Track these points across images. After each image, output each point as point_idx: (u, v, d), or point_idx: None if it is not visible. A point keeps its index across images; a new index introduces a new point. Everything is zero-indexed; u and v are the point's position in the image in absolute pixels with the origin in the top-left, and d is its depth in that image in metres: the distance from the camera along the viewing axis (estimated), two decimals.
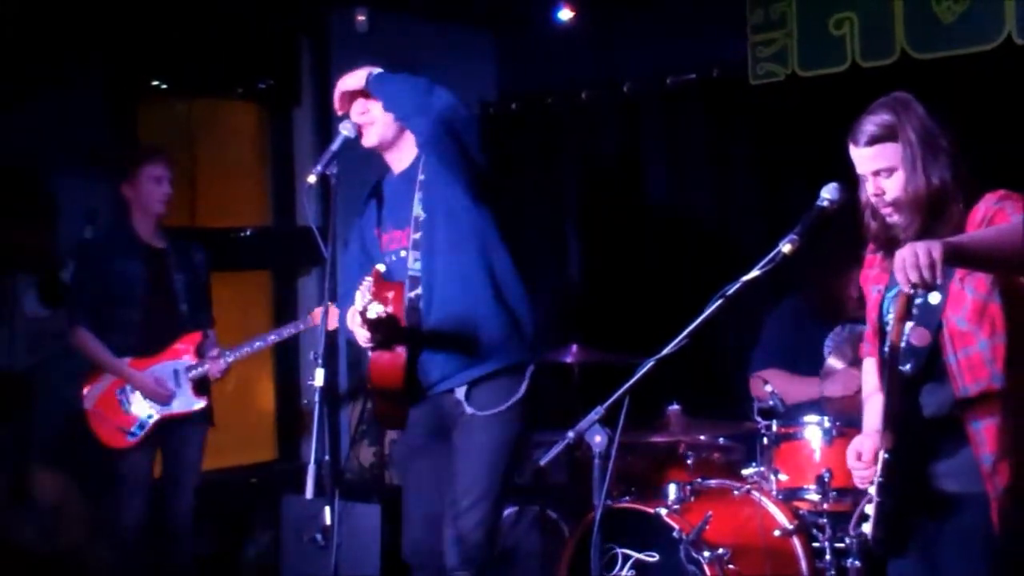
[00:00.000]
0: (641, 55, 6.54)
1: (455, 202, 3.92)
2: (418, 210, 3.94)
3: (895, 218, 3.05)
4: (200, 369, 5.06)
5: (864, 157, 3.06)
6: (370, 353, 3.86)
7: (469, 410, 3.91)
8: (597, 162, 6.88)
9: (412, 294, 3.90)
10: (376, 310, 3.54)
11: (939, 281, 2.67)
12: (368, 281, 3.62)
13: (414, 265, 3.92)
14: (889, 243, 3.11)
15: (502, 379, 3.94)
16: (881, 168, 3.03)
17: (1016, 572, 3.00)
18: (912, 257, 2.65)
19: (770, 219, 6.07)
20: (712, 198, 6.45)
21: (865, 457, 3.05)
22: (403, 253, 3.96)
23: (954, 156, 3.01)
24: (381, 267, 3.76)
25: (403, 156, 4.05)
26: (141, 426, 4.99)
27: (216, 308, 5.36)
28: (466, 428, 3.93)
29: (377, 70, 3.93)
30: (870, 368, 3.31)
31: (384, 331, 3.74)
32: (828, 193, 3.09)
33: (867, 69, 5.58)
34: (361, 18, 6.29)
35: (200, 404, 5.09)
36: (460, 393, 3.93)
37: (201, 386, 5.10)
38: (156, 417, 5.01)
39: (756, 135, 6.25)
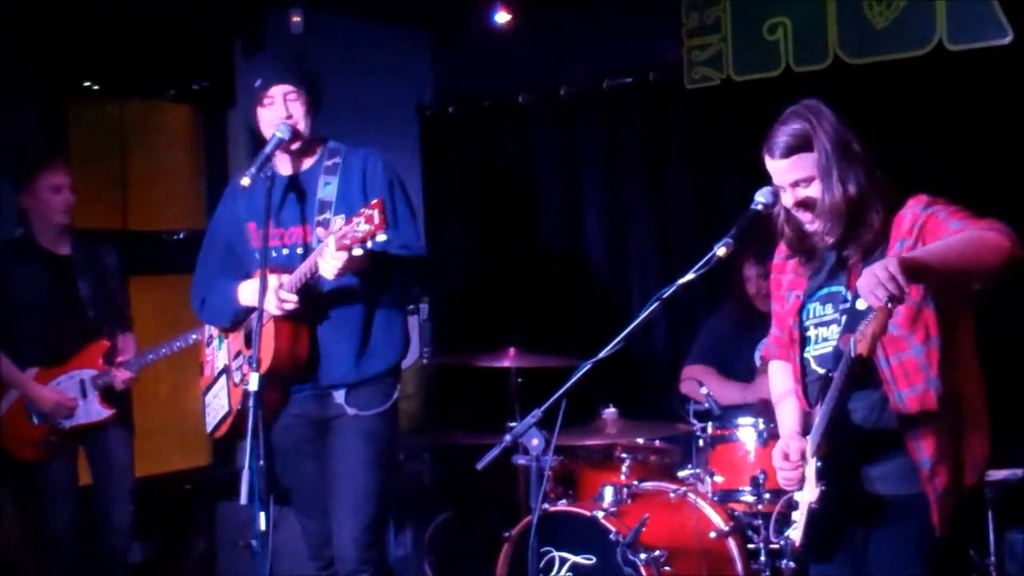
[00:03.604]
0: (578, 58, 6.56)
1: None
2: (326, 194, 3.93)
3: (815, 226, 3.04)
4: (106, 378, 4.94)
5: (781, 169, 3.04)
6: (272, 334, 3.82)
7: (351, 411, 3.95)
8: (535, 164, 6.88)
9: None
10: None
11: (907, 291, 2.67)
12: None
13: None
14: (807, 250, 3.13)
15: (381, 381, 3.99)
16: (799, 179, 3.01)
17: (956, 568, 3.04)
18: (873, 278, 2.65)
19: (706, 222, 6.10)
20: (649, 201, 6.47)
21: (793, 457, 3.06)
22: (299, 250, 3.93)
23: (868, 161, 3.01)
24: None
25: (307, 157, 4.03)
26: (47, 439, 4.88)
27: (150, 311, 5.28)
28: (347, 429, 3.96)
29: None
30: (779, 371, 3.32)
31: (303, 301, 3.79)
32: (762, 197, 3.10)
33: (801, 74, 5.64)
34: (296, 19, 6.23)
35: (106, 414, 4.94)
36: (340, 395, 3.96)
37: (110, 395, 4.97)
38: (63, 429, 4.89)
39: (692, 138, 6.29)
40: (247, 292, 3.94)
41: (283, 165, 4.04)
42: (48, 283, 4.93)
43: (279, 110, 3.93)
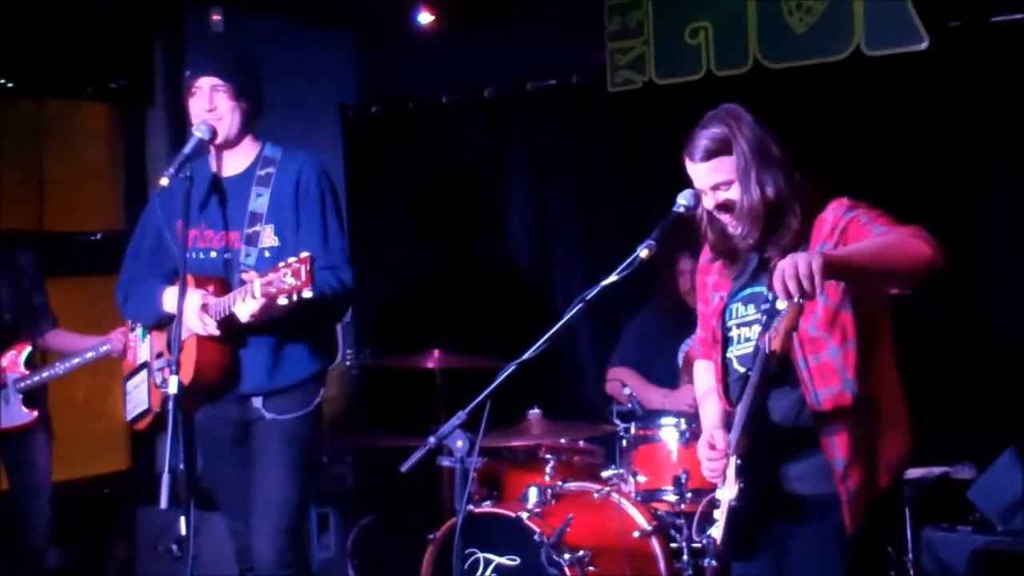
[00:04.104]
0: (502, 60, 6.57)
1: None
2: (257, 206, 3.89)
3: (737, 229, 3.08)
4: (29, 381, 4.86)
5: (700, 173, 3.07)
6: (195, 348, 3.77)
7: (269, 415, 3.91)
8: (459, 166, 6.88)
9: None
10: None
11: (820, 291, 2.70)
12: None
13: (246, 260, 3.85)
14: (729, 252, 3.16)
15: (301, 387, 3.95)
16: (719, 182, 3.05)
17: (868, 568, 3.09)
18: (792, 268, 2.67)
19: (630, 223, 6.14)
20: (572, 202, 6.51)
21: (719, 447, 3.08)
22: (227, 255, 3.89)
23: (787, 165, 3.04)
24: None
25: (240, 158, 3.97)
26: None
27: (66, 313, 5.19)
28: (266, 433, 3.92)
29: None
30: (704, 370, 3.35)
31: (227, 322, 3.72)
32: (684, 199, 3.12)
33: (722, 77, 5.69)
34: (216, 17, 6.17)
35: (29, 418, 4.88)
36: (258, 400, 3.92)
37: (32, 398, 4.89)
38: None
39: (616, 140, 6.33)
40: (171, 300, 3.88)
41: (229, 161, 3.98)
42: None
43: (204, 102, 3.88)
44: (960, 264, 5.14)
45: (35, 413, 4.89)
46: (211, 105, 3.87)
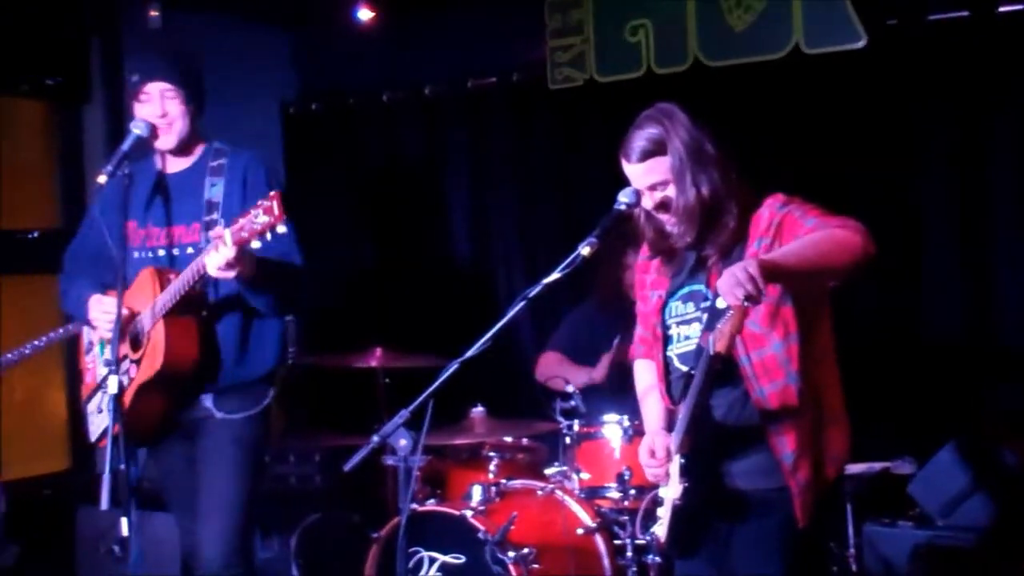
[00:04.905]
0: (442, 57, 6.56)
1: None
2: (213, 195, 3.86)
3: (674, 228, 3.11)
4: None
5: (637, 173, 3.10)
6: (164, 335, 3.74)
7: (219, 414, 3.90)
8: (399, 163, 6.87)
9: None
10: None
11: (764, 291, 2.73)
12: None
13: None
14: (667, 251, 3.19)
15: (253, 386, 3.94)
16: (656, 182, 3.08)
17: (812, 562, 3.12)
18: (732, 278, 2.71)
19: (570, 221, 6.16)
20: (513, 200, 6.51)
21: (659, 454, 3.11)
22: (161, 252, 3.88)
23: (722, 164, 3.08)
24: None
25: (188, 156, 3.97)
26: None
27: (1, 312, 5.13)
28: (216, 431, 3.90)
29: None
30: (644, 368, 3.37)
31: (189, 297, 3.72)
32: (625, 197, 3.14)
33: (662, 75, 5.72)
34: (154, 14, 6.11)
35: None
36: (208, 399, 3.90)
37: None
38: None
39: (556, 138, 6.34)
40: (90, 307, 3.90)
41: (178, 159, 3.97)
42: None
43: (155, 107, 3.85)
44: (898, 259, 5.21)
45: None
46: (163, 111, 3.85)
